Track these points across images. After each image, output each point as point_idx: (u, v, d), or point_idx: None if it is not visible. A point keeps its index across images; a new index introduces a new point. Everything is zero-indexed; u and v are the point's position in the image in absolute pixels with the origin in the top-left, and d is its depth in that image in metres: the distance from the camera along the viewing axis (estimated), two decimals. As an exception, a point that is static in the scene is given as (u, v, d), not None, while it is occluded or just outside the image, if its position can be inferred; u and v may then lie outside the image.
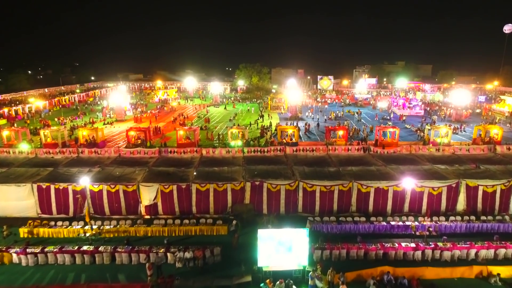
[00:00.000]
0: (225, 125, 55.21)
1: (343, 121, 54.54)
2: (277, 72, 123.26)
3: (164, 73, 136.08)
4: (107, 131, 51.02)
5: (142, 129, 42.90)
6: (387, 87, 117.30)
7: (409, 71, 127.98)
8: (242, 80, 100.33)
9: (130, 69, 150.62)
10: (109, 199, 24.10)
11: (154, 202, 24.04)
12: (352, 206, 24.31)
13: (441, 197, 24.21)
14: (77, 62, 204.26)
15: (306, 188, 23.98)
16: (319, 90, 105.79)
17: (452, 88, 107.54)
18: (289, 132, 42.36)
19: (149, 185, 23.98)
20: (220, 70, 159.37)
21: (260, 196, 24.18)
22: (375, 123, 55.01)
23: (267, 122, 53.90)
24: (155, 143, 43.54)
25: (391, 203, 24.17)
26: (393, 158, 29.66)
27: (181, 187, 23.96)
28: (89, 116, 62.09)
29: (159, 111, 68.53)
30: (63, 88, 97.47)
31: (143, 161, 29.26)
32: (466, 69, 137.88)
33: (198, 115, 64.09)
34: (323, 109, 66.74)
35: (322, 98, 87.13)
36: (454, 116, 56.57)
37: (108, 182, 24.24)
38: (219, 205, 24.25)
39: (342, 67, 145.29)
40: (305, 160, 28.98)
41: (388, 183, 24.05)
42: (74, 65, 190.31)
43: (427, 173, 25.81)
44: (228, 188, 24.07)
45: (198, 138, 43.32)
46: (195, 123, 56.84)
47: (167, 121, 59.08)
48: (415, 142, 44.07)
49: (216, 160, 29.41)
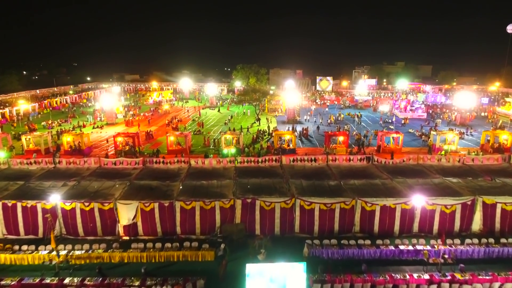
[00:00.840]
0: (220, 129, 52.54)
1: (343, 125, 51.83)
2: (275, 73, 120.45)
3: (161, 74, 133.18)
4: (96, 136, 48.29)
5: (130, 135, 40.10)
6: (387, 88, 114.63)
7: (409, 72, 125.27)
8: (239, 81, 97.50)
9: (126, 69, 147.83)
10: (82, 218, 21.34)
11: (133, 222, 21.30)
12: (355, 226, 21.60)
13: (454, 216, 21.51)
14: (75, 62, 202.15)
15: (304, 206, 21.26)
16: (318, 92, 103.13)
17: (453, 89, 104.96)
18: (286, 138, 39.67)
19: (127, 203, 21.23)
20: (218, 71, 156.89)
21: (252, 215, 21.45)
22: (376, 127, 52.31)
23: (264, 126, 51.20)
24: (145, 149, 40.79)
25: (399, 222, 21.47)
26: (399, 169, 26.95)
27: (164, 205, 21.22)
28: (79, 119, 59.29)
29: (152, 113, 65.70)
30: (56, 89, 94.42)
31: (125, 173, 26.49)
32: (466, 70, 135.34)
33: (193, 118, 61.31)
34: (322, 113, 63.94)
35: (321, 100, 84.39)
36: (459, 120, 53.88)
37: (82, 199, 21.48)
38: (206, 225, 21.51)
39: (341, 67, 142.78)
40: (303, 172, 26.26)
41: (396, 201, 21.34)
42: (72, 65, 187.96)
43: (438, 188, 23.11)
44: (216, 206, 21.33)
45: (190, 144, 40.59)
46: (188, 127, 54.09)
47: (160, 125, 56.31)
48: (419, 148, 41.45)
49: (205, 172, 26.66)
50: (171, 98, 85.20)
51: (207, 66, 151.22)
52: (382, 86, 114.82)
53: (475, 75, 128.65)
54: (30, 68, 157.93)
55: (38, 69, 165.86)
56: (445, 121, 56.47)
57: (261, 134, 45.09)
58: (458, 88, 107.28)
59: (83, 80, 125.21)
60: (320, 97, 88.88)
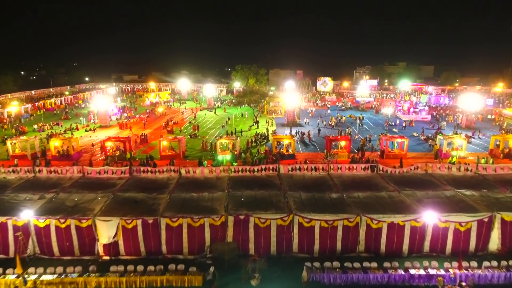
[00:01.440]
0: (217, 132, 50.39)
1: (345, 128, 49.60)
2: (275, 74, 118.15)
3: (159, 74, 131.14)
4: (87, 139, 46.16)
5: (121, 139, 37.96)
6: (388, 88, 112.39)
7: (411, 72, 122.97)
8: (238, 82, 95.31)
9: (125, 70, 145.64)
10: (58, 236, 19.18)
11: (114, 241, 19.13)
12: (360, 245, 19.40)
13: (469, 235, 19.31)
14: (76, 62, 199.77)
15: (303, 223, 19.07)
16: (319, 92, 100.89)
17: (456, 90, 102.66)
18: (285, 142, 37.52)
19: (107, 220, 19.05)
20: (218, 71, 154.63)
21: (246, 233, 19.27)
22: (378, 130, 50.09)
23: (263, 129, 49.02)
24: (137, 154, 38.66)
25: (408, 241, 19.26)
26: (407, 179, 24.72)
27: (147, 222, 19.05)
28: (73, 122, 57.17)
29: (148, 115, 63.55)
30: (52, 90, 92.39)
31: (109, 183, 24.31)
32: (469, 70, 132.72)
33: (189, 120, 59.12)
34: (323, 115, 61.72)
35: (322, 101, 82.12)
36: (465, 123, 51.63)
37: (58, 215, 19.31)
38: (194, 243, 19.32)
39: (342, 68, 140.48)
40: (302, 182, 24.05)
41: (405, 217, 19.13)
42: (73, 65, 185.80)
43: (451, 202, 20.90)
44: (205, 223, 19.15)
45: (184, 149, 38.47)
46: (184, 129, 51.95)
47: (155, 127, 54.15)
48: (425, 153, 39.25)
49: (196, 182, 24.47)
50: (168, 99, 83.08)
51: (207, 67, 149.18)
52: (384, 86, 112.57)
53: (477, 75, 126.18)
54: (29, 68, 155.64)
55: (39, 69, 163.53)
56: (451, 124, 54.26)
57: (259, 138, 42.88)
58: (461, 89, 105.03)
59: (81, 80, 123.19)
60: (321, 98, 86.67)
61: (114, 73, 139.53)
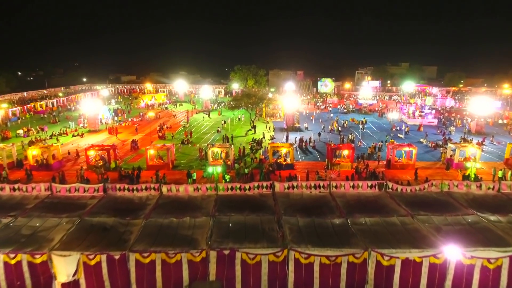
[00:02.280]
0: (212, 137, 47.13)
1: (347, 134, 46.23)
2: (275, 74, 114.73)
3: (157, 75, 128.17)
4: (73, 146, 42.93)
5: (104, 147, 34.69)
6: (391, 90, 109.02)
7: (414, 73, 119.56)
8: (237, 83, 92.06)
9: (124, 70, 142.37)
10: (7, 274, 15.94)
11: (74, 279, 15.88)
12: (368, 285, 16.09)
13: (500, 274, 15.95)
14: (77, 62, 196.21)
15: (300, 259, 15.77)
16: (319, 94, 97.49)
17: (462, 92, 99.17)
18: (282, 151, 34.25)
19: (65, 255, 15.79)
20: (218, 71, 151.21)
21: (232, 271, 15.98)
22: (383, 136, 46.76)
23: (260, 135, 45.72)
24: (123, 164, 35.43)
25: (426, 282, 15.90)
26: (420, 200, 21.34)
27: (113, 257, 15.78)
28: (62, 126, 53.99)
29: (141, 119, 60.32)
30: (45, 91, 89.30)
31: (79, 204, 21.04)
32: (472, 70, 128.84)
33: (184, 124, 55.83)
34: (325, 119, 58.36)
35: (324, 103, 78.70)
36: (475, 128, 48.20)
37: (7, 248, 16.06)
38: (170, 283, 16.02)
39: (343, 69, 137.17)
40: (301, 203, 20.72)
41: (422, 253, 15.81)
42: (74, 65, 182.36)
43: (475, 231, 17.54)
44: (183, 260, 15.87)
45: (173, 157, 35.26)
46: (177, 135, 48.67)
47: (148, 132, 50.91)
48: (434, 162, 35.90)
49: (178, 203, 21.16)
50: (164, 101, 79.82)
51: (207, 68, 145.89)
52: (387, 88, 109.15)
53: (482, 76, 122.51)
54: (26, 69, 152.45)
55: (38, 68, 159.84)
56: (459, 129, 50.85)
57: (254, 145, 39.56)
58: (466, 90, 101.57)
59: (78, 81, 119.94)
60: (322, 101, 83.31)
61: (112, 73, 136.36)
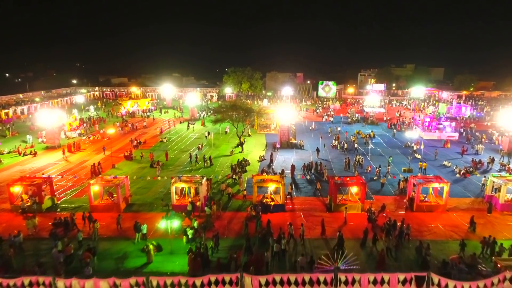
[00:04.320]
0: (195, 152, 38.05)
1: (354, 154, 37.33)
2: (272, 77, 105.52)
3: (150, 77, 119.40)
4: (18, 169, 34.15)
5: (34, 183, 25.38)
6: (397, 94, 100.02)
7: (420, 75, 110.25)
8: (230, 87, 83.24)
9: (116, 72, 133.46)
10: None
11: None
12: None
13: None
14: (77, 62, 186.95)
15: None
16: (320, 99, 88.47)
17: (473, 96, 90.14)
18: (269, 188, 25.46)
19: None
20: (218, 72, 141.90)
21: None
22: (395, 153, 37.89)
23: (250, 153, 36.99)
24: (63, 201, 26.59)
25: None
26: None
27: None
28: (21, 139, 45.35)
29: (121, 130, 51.46)
30: (21, 96, 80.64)
31: None
32: (479, 72, 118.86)
33: (162, 138, 46.94)
34: (325, 132, 49.54)
35: (324, 111, 69.55)
36: (507, 146, 39.16)
37: None
38: None
39: (345, 71, 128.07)
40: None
41: None
42: (75, 65, 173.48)
43: None
44: None
45: (128, 194, 26.36)
46: (146, 154, 39.41)
47: (120, 147, 42.13)
48: (470, 199, 26.84)
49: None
50: (148, 107, 70.98)
51: (201, 69, 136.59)
52: (392, 91, 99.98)
53: (492, 79, 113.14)
54: (16, 69, 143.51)
55: (28, 69, 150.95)
56: (486, 145, 41.87)
57: (237, 173, 30.72)
58: (478, 94, 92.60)
59: (67, 83, 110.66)
60: (322, 107, 74.32)
61: (103, 75, 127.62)
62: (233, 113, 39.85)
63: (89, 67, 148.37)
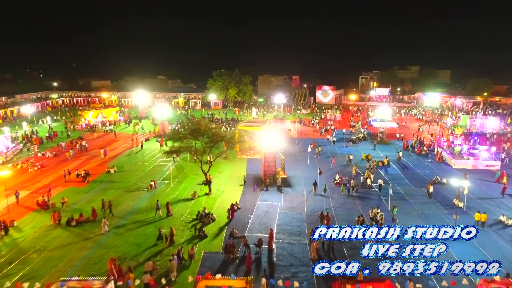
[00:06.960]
0: (134, 204, 25.73)
1: (367, 199, 25.12)
2: (265, 81, 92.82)
3: (133, 79, 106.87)
4: None
5: None
6: (403, 99, 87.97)
7: (427, 78, 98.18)
8: (215, 93, 70.98)
9: (98, 74, 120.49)
10: None
11: None
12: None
13: None
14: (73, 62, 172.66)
15: None
16: (318, 107, 76.13)
17: (490, 103, 78.10)
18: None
19: None
20: (202, 77, 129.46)
21: None
22: (427, 205, 25.69)
23: (219, 196, 24.99)
24: None
25: None
26: None
27: None
28: None
29: (56, 153, 39.33)
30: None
31: None
32: (489, 75, 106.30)
33: (108, 167, 34.59)
34: (325, 158, 37.41)
35: (323, 122, 57.39)
36: None
37: None
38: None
39: (345, 73, 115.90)
40: None
41: None
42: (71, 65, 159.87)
43: None
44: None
45: None
46: (87, 195, 27.57)
47: (52, 180, 30.01)
48: None
49: None
50: (116, 118, 58.68)
51: (190, 72, 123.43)
52: (397, 97, 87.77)
53: (504, 82, 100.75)
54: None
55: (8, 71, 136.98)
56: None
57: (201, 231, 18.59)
58: (495, 101, 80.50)
59: (45, 87, 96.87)
60: (320, 118, 62.04)
61: (82, 77, 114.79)
62: (195, 140, 27.34)
63: (74, 68, 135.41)
